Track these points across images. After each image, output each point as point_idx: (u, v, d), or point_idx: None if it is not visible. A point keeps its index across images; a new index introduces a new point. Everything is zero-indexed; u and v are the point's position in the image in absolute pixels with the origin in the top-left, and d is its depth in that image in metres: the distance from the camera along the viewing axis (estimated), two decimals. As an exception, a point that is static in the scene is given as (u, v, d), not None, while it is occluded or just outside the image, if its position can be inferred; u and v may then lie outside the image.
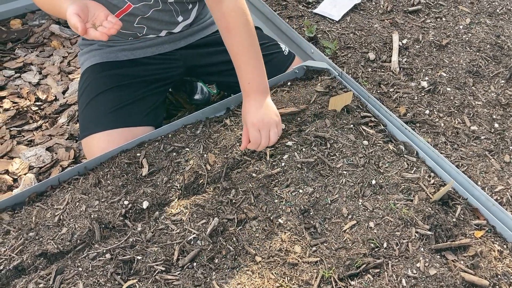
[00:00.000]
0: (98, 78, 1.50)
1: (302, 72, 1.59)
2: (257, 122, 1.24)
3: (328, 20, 1.82)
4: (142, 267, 1.08)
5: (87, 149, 1.42)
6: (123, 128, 1.42)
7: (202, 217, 1.18)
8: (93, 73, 1.51)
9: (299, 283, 1.06)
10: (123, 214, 1.18)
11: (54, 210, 1.18)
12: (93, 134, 1.41)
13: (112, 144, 1.37)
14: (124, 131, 1.42)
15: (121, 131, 1.41)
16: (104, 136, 1.40)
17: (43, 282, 1.04)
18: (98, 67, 1.52)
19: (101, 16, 1.13)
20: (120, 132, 1.41)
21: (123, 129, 1.42)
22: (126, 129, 1.43)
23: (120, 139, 1.39)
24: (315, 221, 1.18)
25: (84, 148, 1.43)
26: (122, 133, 1.42)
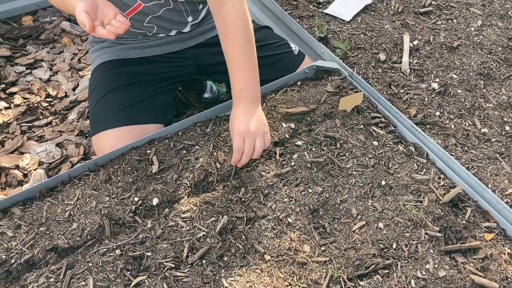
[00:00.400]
0: (109, 75, 1.51)
1: (312, 72, 1.59)
2: (243, 130, 1.21)
3: (338, 20, 1.82)
4: (152, 264, 1.08)
5: (98, 145, 1.42)
6: (133, 126, 1.43)
7: (212, 215, 1.18)
8: (104, 71, 1.52)
9: (308, 283, 1.06)
10: (133, 210, 1.18)
11: (64, 205, 1.18)
12: (103, 131, 1.41)
13: (122, 141, 1.38)
14: (134, 128, 1.43)
15: (131, 129, 1.42)
16: (115, 133, 1.40)
17: (53, 277, 1.04)
18: (109, 65, 1.53)
19: (110, 14, 1.14)
20: (130, 129, 1.42)
21: (133, 126, 1.43)
22: (136, 127, 1.43)
23: (130, 136, 1.40)
24: (324, 221, 1.18)
25: (95, 144, 1.44)
26: (132, 130, 1.42)
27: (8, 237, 1.12)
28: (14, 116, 1.77)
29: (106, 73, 1.50)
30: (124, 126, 1.41)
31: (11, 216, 1.17)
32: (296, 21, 1.78)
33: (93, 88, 1.51)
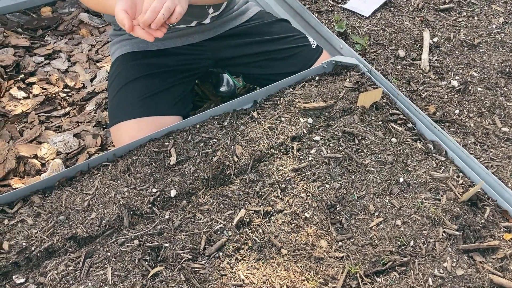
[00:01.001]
0: (128, 67, 1.51)
1: (331, 67, 1.58)
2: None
3: (358, 15, 1.80)
4: (169, 255, 1.09)
5: (116, 136, 1.43)
6: (152, 117, 1.44)
7: (229, 208, 1.18)
8: (123, 62, 1.53)
9: (325, 278, 1.06)
10: (151, 201, 1.19)
11: (83, 195, 1.19)
12: (122, 122, 1.42)
13: (140, 132, 1.39)
14: (152, 119, 1.43)
15: (149, 120, 1.43)
16: (133, 124, 1.41)
17: (72, 265, 1.06)
18: (129, 56, 1.54)
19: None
20: (149, 120, 1.43)
21: (151, 117, 1.43)
22: (155, 118, 1.44)
23: (148, 128, 1.41)
24: (342, 217, 1.18)
25: (113, 135, 1.45)
26: (151, 121, 1.43)
27: (28, 225, 1.14)
28: (32, 106, 1.79)
29: (125, 65, 1.51)
30: (142, 117, 1.42)
31: (31, 204, 1.19)
32: (314, 16, 1.77)
33: (113, 79, 1.52)
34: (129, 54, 1.53)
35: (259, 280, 1.06)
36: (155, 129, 1.37)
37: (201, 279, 1.06)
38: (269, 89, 1.51)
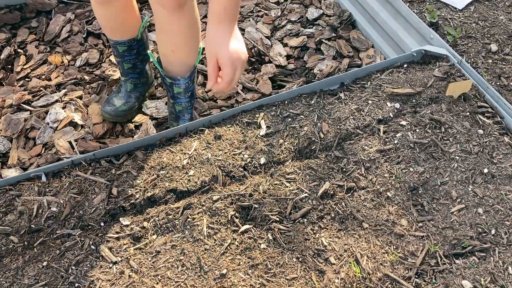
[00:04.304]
0: None
1: (420, 55, 1.60)
2: (236, 58, 1.05)
3: (450, 7, 1.79)
4: (258, 215, 1.18)
5: None
6: None
7: (314, 180, 1.25)
8: None
9: (405, 253, 1.11)
10: (243, 166, 1.28)
11: (182, 154, 1.31)
12: None
13: None
14: None
15: None
16: None
17: (172, 214, 1.17)
18: None
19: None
20: None
21: None
22: None
23: None
24: (423, 200, 1.22)
25: None
26: None
27: (132, 176, 1.27)
28: (130, 73, 1.94)
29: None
30: None
31: (135, 158, 1.32)
32: (406, 5, 1.78)
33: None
34: None
35: (341, 248, 1.12)
36: None
37: (286, 240, 1.14)
38: (357, 72, 1.56)
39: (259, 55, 1.99)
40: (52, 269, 1.09)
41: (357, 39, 1.99)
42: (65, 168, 1.29)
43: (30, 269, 1.09)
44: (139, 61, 1.68)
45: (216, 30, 1.07)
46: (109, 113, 1.69)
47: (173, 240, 1.13)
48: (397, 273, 1.07)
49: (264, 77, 1.90)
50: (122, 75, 1.70)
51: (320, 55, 1.96)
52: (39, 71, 1.93)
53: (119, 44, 1.59)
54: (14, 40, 2.01)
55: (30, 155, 1.67)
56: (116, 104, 1.70)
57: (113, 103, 1.71)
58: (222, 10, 1.06)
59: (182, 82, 1.54)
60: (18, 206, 1.19)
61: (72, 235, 1.14)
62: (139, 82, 1.72)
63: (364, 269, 1.08)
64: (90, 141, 1.70)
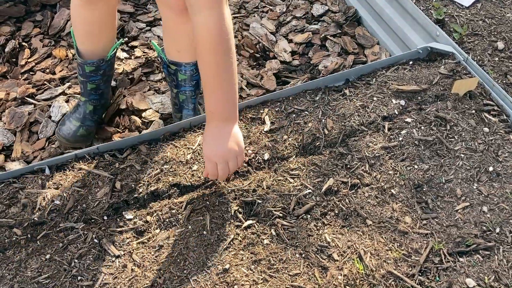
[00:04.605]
0: None
1: (425, 53, 1.59)
2: (213, 155, 1.14)
3: (457, 4, 1.78)
4: (262, 211, 1.17)
5: None
6: None
7: (318, 176, 1.25)
8: None
9: (409, 250, 1.10)
10: (247, 161, 1.28)
11: (186, 149, 1.31)
12: None
13: None
14: None
15: None
16: None
17: (175, 208, 1.17)
18: None
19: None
20: None
21: None
22: None
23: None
24: (428, 197, 1.21)
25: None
26: None
27: (136, 170, 1.26)
28: (134, 66, 1.94)
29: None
30: None
31: (139, 152, 1.32)
32: (412, 1, 1.77)
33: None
34: None
35: (344, 244, 1.12)
36: None
37: (290, 236, 1.14)
38: (362, 69, 1.55)
39: (263, 51, 1.98)
40: (55, 262, 1.09)
41: (363, 36, 1.98)
42: (69, 162, 1.29)
43: (33, 261, 1.09)
44: (103, 82, 1.61)
45: (205, 128, 1.18)
46: (67, 138, 1.58)
47: (176, 234, 1.13)
48: (401, 270, 1.07)
49: (268, 73, 1.89)
50: (83, 95, 1.61)
51: (325, 52, 1.95)
52: (43, 65, 1.92)
53: (87, 64, 1.53)
54: (19, 33, 2.01)
55: (34, 149, 1.67)
56: (74, 126, 1.60)
57: (70, 125, 1.60)
58: (209, 113, 1.16)
59: (187, 69, 1.51)
60: (21, 199, 1.19)
61: (75, 228, 1.14)
62: (99, 104, 1.64)
63: (368, 266, 1.07)
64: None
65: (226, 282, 1.05)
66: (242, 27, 2.09)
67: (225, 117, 1.16)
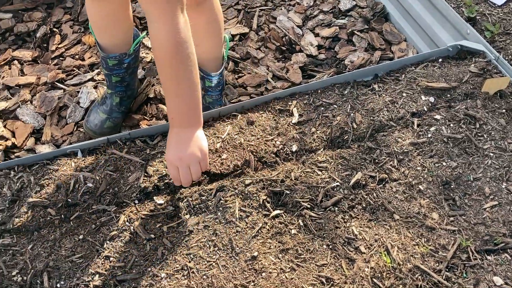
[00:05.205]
0: None
1: (455, 50, 1.58)
2: (173, 159, 1.15)
3: (489, 3, 1.77)
4: (289, 201, 1.19)
5: None
6: None
7: (346, 169, 1.26)
8: None
9: (436, 246, 1.11)
10: (275, 152, 1.29)
11: (215, 138, 1.32)
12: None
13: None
14: None
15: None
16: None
17: (205, 195, 1.19)
18: None
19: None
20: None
21: None
22: None
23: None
24: (455, 195, 1.21)
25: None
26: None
27: (166, 156, 1.28)
28: (162, 56, 1.96)
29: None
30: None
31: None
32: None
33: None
34: None
35: (371, 238, 1.13)
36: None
37: (317, 227, 1.15)
38: (391, 64, 1.55)
39: (290, 44, 1.98)
40: (87, 242, 1.11)
41: (390, 32, 1.97)
42: (101, 146, 1.31)
43: (67, 241, 1.12)
44: (128, 75, 1.62)
45: (168, 134, 1.18)
46: (93, 130, 1.63)
47: (205, 220, 1.15)
48: (428, 265, 1.08)
49: (294, 66, 1.90)
50: (109, 88, 1.64)
51: (352, 47, 1.95)
52: (73, 51, 1.96)
53: (109, 58, 1.54)
54: (50, 19, 2.04)
55: (63, 133, 1.71)
56: (101, 118, 1.63)
57: (97, 117, 1.64)
58: (170, 119, 1.18)
59: (214, 78, 1.56)
60: (55, 180, 1.22)
61: (107, 211, 1.17)
62: (125, 95, 1.66)
63: (395, 259, 1.08)
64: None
65: (254, 269, 1.07)
66: (269, 19, 2.09)
67: (185, 123, 1.17)
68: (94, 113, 1.66)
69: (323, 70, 1.90)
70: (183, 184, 1.17)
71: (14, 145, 1.65)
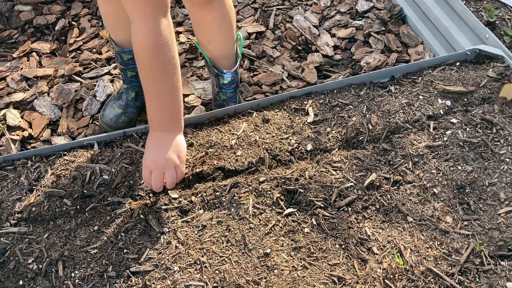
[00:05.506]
0: None
1: (473, 55, 1.57)
2: (149, 163, 1.14)
3: (509, 8, 1.75)
4: (303, 200, 1.19)
5: None
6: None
7: (361, 170, 1.26)
8: None
9: (449, 250, 1.10)
10: (290, 150, 1.30)
11: (230, 134, 1.33)
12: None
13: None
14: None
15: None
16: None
17: (220, 191, 1.20)
18: None
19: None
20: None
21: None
22: None
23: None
24: (470, 199, 1.21)
25: None
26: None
27: (181, 151, 1.29)
28: (178, 51, 1.97)
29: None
30: None
31: (185, 134, 1.34)
32: (462, 2, 1.75)
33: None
34: None
35: (384, 239, 1.13)
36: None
37: (330, 226, 1.15)
38: (408, 67, 1.55)
39: (306, 44, 1.99)
40: (102, 233, 1.13)
41: (407, 35, 1.97)
42: (117, 139, 1.33)
43: (82, 231, 1.13)
44: None
45: (147, 137, 1.19)
46: (108, 124, 1.63)
47: (219, 216, 1.15)
48: (441, 268, 1.07)
49: (310, 66, 1.90)
50: (124, 83, 1.63)
51: (368, 48, 1.95)
52: (90, 45, 1.97)
53: (124, 52, 1.54)
54: (69, 12, 2.06)
55: (79, 125, 1.72)
56: (116, 113, 1.64)
57: (113, 111, 1.64)
58: (150, 121, 1.18)
59: (228, 76, 1.56)
60: (72, 171, 1.23)
61: (122, 203, 1.18)
62: (141, 90, 1.59)
63: (407, 261, 1.08)
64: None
65: (267, 265, 1.07)
66: (285, 18, 2.10)
67: (165, 126, 1.17)
68: (109, 107, 1.67)
69: (338, 70, 1.89)
70: (153, 189, 1.16)
71: (31, 135, 1.67)
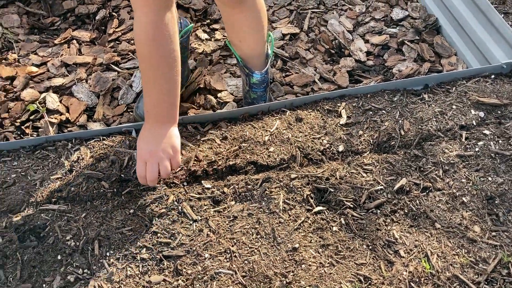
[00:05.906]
0: None
1: (509, 68, 1.57)
2: (143, 153, 1.14)
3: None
4: (333, 199, 1.21)
5: None
6: None
7: (391, 174, 1.27)
8: None
9: (476, 259, 1.11)
10: (321, 150, 1.32)
11: (264, 131, 1.36)
12: None
13: None
14: None
15: None
16: None
17: (251, 184, 1.23)
18: None
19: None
20: None
21: None
22: None
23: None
24: (499, 210, 1.21)
25: None
26: None
27: (216, 144, 1.33)
28: (213, 48, 2.01)
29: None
30: None
31: (219, 127, 1.38)
32: (500, 16, 1.75)
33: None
34: None
35: (411, 243, 1.14)
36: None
37: (358, 227, 1.17)
38: (442, 76, 1.56)
39: (339, 48, 2.00)
40: (137, 217, 1.17)
41: (441, 45, 1.97)
42: (154, 128, 1.37)
43: (118, 213, 1.17)
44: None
45: (142, 128, 1.19)
46: (142, 117, 1.58)
47: (250, 208, 1.18)
48: (467, 276, 1.08)
49: (342, 69, 1.92)
50: None
51: (401, 56, 1.96)
52: (129, 36, 2.03)
53: None
54: (110, 3, 2.12)
55: (114, 113, 1.77)
56: None
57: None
58: (146, 112, 1.19)
59: (259, 76, 1.58)
60: (110, 156, 1.28)
61: (158, 189, 1.22)
62: None
63: (434, 266, 1.09)
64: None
65: (295, 260, 1.10)
66: (320, 22, 2.12)
67: (161, 118, 1.18)
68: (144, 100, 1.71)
69: (370, 76, 1.91)
70: (148, 181, 1.15)
71: (68, 120, 1.72)
